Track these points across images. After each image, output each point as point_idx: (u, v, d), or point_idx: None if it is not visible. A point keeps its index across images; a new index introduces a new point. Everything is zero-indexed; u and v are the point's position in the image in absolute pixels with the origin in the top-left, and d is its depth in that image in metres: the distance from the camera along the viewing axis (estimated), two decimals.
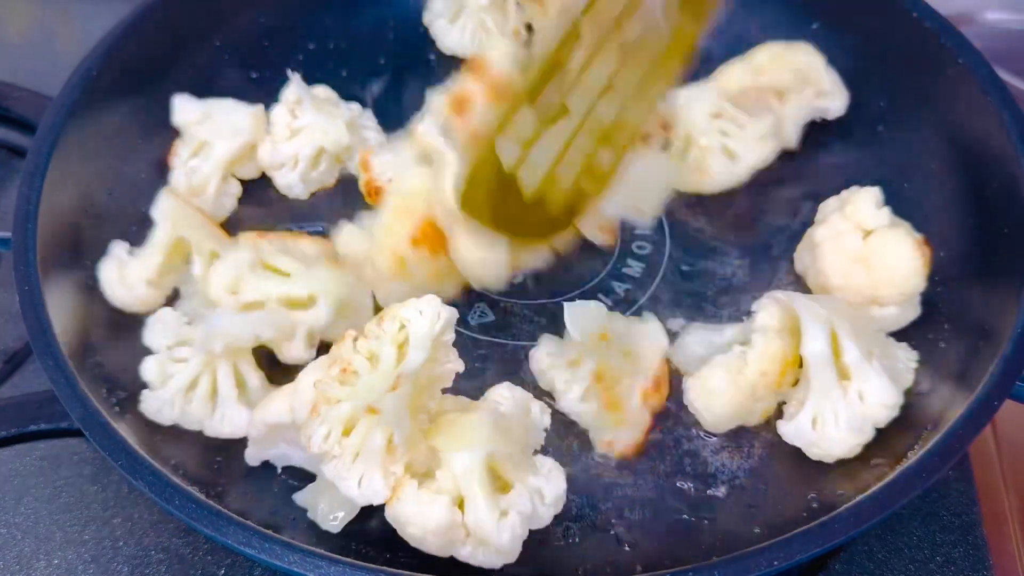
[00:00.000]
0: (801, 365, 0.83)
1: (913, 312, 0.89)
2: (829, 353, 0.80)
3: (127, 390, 0.83)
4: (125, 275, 0.91)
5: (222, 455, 0.82)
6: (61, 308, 0.84)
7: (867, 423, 0.79)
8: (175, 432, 0.82)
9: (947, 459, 0.71)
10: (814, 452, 0.81)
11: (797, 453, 0.82)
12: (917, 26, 1.01)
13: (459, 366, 0.75)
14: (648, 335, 0.87)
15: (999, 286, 0.83)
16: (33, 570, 0.83)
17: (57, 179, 0.92)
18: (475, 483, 0.71)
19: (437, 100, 0.86)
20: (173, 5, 1.08)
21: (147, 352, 0.87)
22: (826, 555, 0.83)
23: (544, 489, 0.74)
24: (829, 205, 0.96)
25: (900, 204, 0.91)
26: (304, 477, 0.81)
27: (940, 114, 0.99)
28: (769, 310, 0.83)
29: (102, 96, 1.00)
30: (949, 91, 0.98)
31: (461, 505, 0.71)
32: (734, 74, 1.07)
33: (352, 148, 1.06)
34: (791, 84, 1.05)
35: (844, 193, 0.95)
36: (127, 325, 0.91)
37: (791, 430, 0.81)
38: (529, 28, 1.19)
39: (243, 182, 1.07)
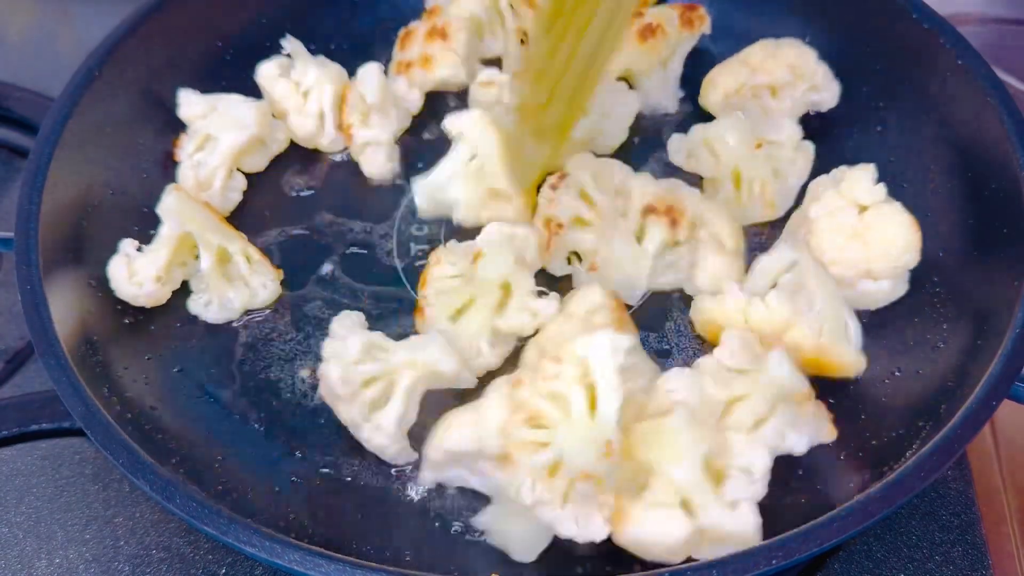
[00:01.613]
0: None
1: (903, 288, 0.91)
2: None
3: (129, 390, 0.84)
4: (134, 272, 0.91)
5: (223, 454, 0.82)
6: (63, 308, 0.84)
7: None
8: (176, 431, 0.82)
9: (946, 459, 0.71)
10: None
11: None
12: (917, 26, 1.01)
13: (653, 371, 0.73)
14: None
15: (998, 286, 0.84)
16: (34, 569, 0.84)
17: (59, 179, 0.92)
18: (702, 488, 0.70)
19: None
20: (173, 5, 1.08)
21: (148, 351, 0.87)
22: (825, 554, 0.84)
23: (752, 466, 0.72)
24: (821, 184, 0.96)
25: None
26: (309, 474, 0.81)
27: (939, 115, 0.99)
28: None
29: (103, 96, 1.00)
30: (948, 91, 0.98)
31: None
32: (730, 73, 1.07)
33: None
34: (784, 80, 1.06)
35: (835, 171, 0.95)
36: (129, 325, 0.91)
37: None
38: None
39: (248, 176, 1.08)
